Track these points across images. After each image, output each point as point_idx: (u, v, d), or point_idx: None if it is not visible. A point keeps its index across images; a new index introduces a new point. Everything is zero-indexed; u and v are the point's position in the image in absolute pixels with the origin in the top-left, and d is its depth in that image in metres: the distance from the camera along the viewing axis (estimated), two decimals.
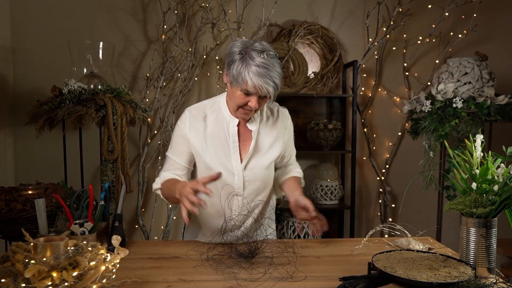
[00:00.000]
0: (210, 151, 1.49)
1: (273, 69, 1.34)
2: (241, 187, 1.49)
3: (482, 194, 1.22)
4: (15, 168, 2.82)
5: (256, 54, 1.33)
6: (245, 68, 1.32)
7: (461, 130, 2.38)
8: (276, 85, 1.35)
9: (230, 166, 1.48)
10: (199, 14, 2.86)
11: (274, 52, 1.40)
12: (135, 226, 2.92)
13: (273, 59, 1.36)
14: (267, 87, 1.33)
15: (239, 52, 1.35)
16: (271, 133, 1.53)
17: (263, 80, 1.32)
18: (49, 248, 0.99)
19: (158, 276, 1.21)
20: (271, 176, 1.58)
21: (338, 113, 3.04)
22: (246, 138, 1.50)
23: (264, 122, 1.54)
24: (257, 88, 1.33)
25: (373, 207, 3.14)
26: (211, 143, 1.49)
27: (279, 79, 1.36)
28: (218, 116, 1.50)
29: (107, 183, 1.51)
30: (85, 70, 2.43)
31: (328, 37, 2.93)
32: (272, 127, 1.54)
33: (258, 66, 1.32)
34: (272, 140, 1.53)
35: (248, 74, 1.32)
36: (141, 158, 2.84)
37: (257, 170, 1.50)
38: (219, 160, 1.48)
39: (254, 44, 1.37)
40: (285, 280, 1.18)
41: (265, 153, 1.52)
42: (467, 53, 2.95)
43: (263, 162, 1.51)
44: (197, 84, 2.93)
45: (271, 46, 1.42)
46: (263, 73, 1.32)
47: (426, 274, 1.12)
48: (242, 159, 1.49)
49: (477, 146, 1.27)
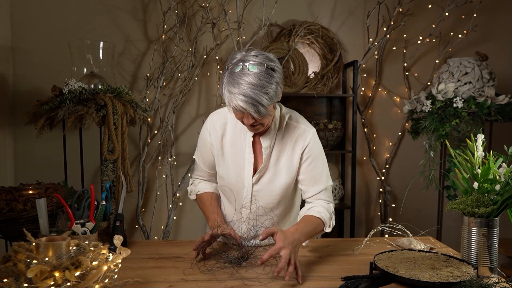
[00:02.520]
0: (225, 158, 1.47)
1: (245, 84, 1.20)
2: (248, 200, 1.45)
3: (484, 193, 1.22)
4: (15, 168, 2.82)
5: (235, 68, 1.23)
6: (225, 87, 1.24)
7: (462, 130, 2.39)
8: (249, 99, 1.20)
9: (242, 177, 1.44)
10: (199, 14, 2.86)
11: (263, 60, 1.24)
12: (135, 226, 2.91)
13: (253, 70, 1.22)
14: (237, 103, 1.21)
15: (226, 68, 1.27)
16: (287, 152, 1.43)
17: (234, 97, 1.21)
18: (51, 248, 0.99)
19: (160, 276, 1.21)
20: (286, 196, 1.47)
21: (338, 113, 3.04)
22: (262, 152, 1.44)
23: (281, 139, 1.42)
24: (233, 106, 1.23)
25: (373, 207, 3.14)
26: (228, 151, 1.46)
27: (253, 91, 1.20)
28: (237, 124, 1.44)
29: (108, 183, 1.50)
30: (85, 70, 2.42)
31: (328, 37, 2.93)
32: (289, 146, 1.42)
33: (230, 83, 1.22)
34: (288, 160, 1.43)
35: (223, 91, 1.25)
36: (141, 158, 2.83)
37: (269, 188, 1.43)
38: (234, 169, 1.45)
39: (235, 56, 1.27)
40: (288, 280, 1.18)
41: (279, 172, 1.43)
42: (467, 53, 2.95)
43: (277, 182, 1.43)
44: (197, 84, 2.93)
45: (265, 53, 1.28)
46: (234, 90, 1.21)
47: (428, 274, 1.12)
48: (256, 173, 1.43)
49: (479, 145, 1.27)
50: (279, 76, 1.28)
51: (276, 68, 1.27)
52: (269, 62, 1.25)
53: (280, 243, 1.16)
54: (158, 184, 2.93)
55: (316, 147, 1.44)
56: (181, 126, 2.94)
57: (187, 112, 2.93)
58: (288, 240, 1.19)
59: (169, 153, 2.86)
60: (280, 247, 1.16)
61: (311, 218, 1.37)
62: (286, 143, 1.42)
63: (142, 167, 2.84)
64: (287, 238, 1.19)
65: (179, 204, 2.94)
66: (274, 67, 1.26)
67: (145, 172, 2.85)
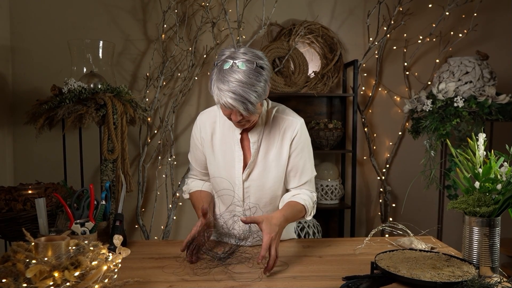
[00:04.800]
0: (216, 157, 1.47)
1: (234, 81, 1.20)
2: (240, 197, 1.45)
3: (485, 193, 1.21)
4: (15, 168, 2.81)
5: (224, 65, 1.23)
6: (214, 83, 1.25)
7: (462, 129, 2.38)
8: (238, 96, 1.20)
9: (233, 175, 1.45)
10: (199, 13, 2.85)
11: (252, 58, 1.24)
12: (135, 226, 2.91)
13: (242, 68, 1.22)
14: (226, 100, 1.21)
15: (215, 64, 1.27)
16: (276, 145, 1.43)
17: (223, 94, 1.22)
18: (51, 247, 0.98)
19: (160, 276, 1.21)
20: (278, 190, 1.48)
21: (338, 113, 3.04)
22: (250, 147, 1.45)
23: (269, 133, 1.43)
24: (221, 103, 1.24)
25: (374, 206, 3.13)
26: (218, 149, 1.46)
27: (242, 88, 1.20)
28: (226, 122, 1.44)
29: (108, 183, 1.50)
30: (85, 69, 2.42)
31: (328, 37, 2.93)
32: (277, 139, 1.43)
33: (219, 80, 1.22)
34: (277, 153, 1.43)
35: (212, 87, 1.25)
36: (141, 157, 2.83)
37: (259, 183, 1.44)
38: (224, 167, 1.45)
39: (224, 52, 1.27)
40: (288, 280, 1.17)
41: (269, 165, 1.43)
42: (467, 53, 2.95)
43: (266, 175, 1.43)
44: (197, 83, 2.92)
45: (254, 50, 1.29)
46: (223, 87, 1.21)
47: (430, 274, 1.11)
48: (245, 169, 1.43)
49: (480, 144, 1.26)
50: (267, 74, 1.29)
51: (265, 66, 1.28)
52: (258, 60, 1.26)
53: (267, 236, 1.21)
54: (158, 184, 2.92)
55: (304, 137, 1.45)
56: (181, 125, 2.93)
57: (187, 112, 2.92)
58: (274, 230, 1.24)
59: (169, 152, 2.86)
60: (269, 239, 1.21)
61: (296, 205, 1.40)
62: (274, 136, 1.43)
63: (142, 167, 2.84)
64: (272, 228, 1.24)
65: (179, 204, 2.93)
66: (263, 65, 1.27)
67: (145, 172, 2.84)
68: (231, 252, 1.33)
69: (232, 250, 1.34)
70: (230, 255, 1.33)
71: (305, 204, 1.41)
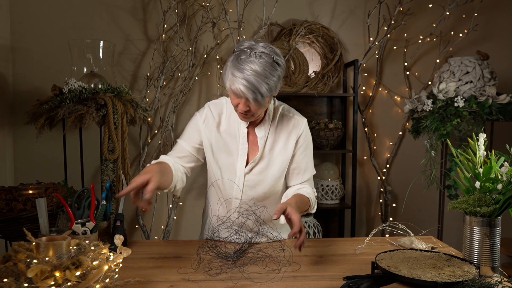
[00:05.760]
0: (219, 148, 1.48)
1: (249, 70, 1.23)
2: (240, 190, 1.47)
3: (485, 193, 1.21)
4: (15, 168, 2.81)
5: (242, 54, 1.27)
6: (228, 70, 1.28)
7: (463, 129, 2.38)
8: (250, 85, 1.23)
9: (234, 166, 1.46)
10: (199, 13, 2.85)
11: (270, 52, 1.28)
12: (135, 226, 2.91)
13: (259, 59, 1.25)
14: (239, 86, 1.25)
15: (233, 52, 1.31)
16: (281, 142, 1.47)
17: (236, 80, 1.25)
18: (52, 247, 0.99)
19: (161, 276, 1.21)
20: (278, 187, 1.51)
21: (338, 113, 3.04)
22: (256, 142, 1.47)
23: (275, 130, 1.47)
24: (233, 89, 1.27)
25: (374, 206, 3.13)
26: (222, 141, 1.48)
27: (256, 78, 1.23)
28: (232, 115, 1.47)
29: (109, 183, 1.50)
30: (85, 69, 2.42)
31: (328, 37, 2.93)
32: (283, 136, 1.47)
33: (235, 67, 1.26)
34: (282, 149, 1.47)
35: (226, 73, 1.29)
36: (142, 157, 2.83)
37: (261, 177, 1.47)
38: (227, 159, 1.47)
39: (244, 43, 1.30)
40: (289, 280, 1.17)
41: (273, 161, 1.46)
42: (468, 53, 2.95)
43: (269, 171, 1.46)
44: (197, 83, 2.92)
45: (273, 46, 1.32)
46: (238, 74, 1.24)
47: (430, 273, 1.11)
48: (249, 163, 1.46)
49: (480, 144, 1.26)
50: (282, 71, 1.31)
51: (281, 63, 1.31)
52: (275, 55, 1.29)
53: (296, 215, 1.21)
54: None
55: (308, 136, 1.51)
56: (181, 125, 2.93)
57: (187, 112, 2.92)
58: (297, 211, 1.25)
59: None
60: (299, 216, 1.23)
61: (302, 196, 1.43)
62: (280, 133, 1.47)
63: (143, 167, 2.84)
64: (296, 209, 1.25)
65: (179, 204, 2.93)
66: (279, 62, 1.30)
67: None
68: (241, 252, 1.33)
69: (242, 250, 1.34)
70: (240, 254, 1.33)
71: (310, 197, 1.46)
